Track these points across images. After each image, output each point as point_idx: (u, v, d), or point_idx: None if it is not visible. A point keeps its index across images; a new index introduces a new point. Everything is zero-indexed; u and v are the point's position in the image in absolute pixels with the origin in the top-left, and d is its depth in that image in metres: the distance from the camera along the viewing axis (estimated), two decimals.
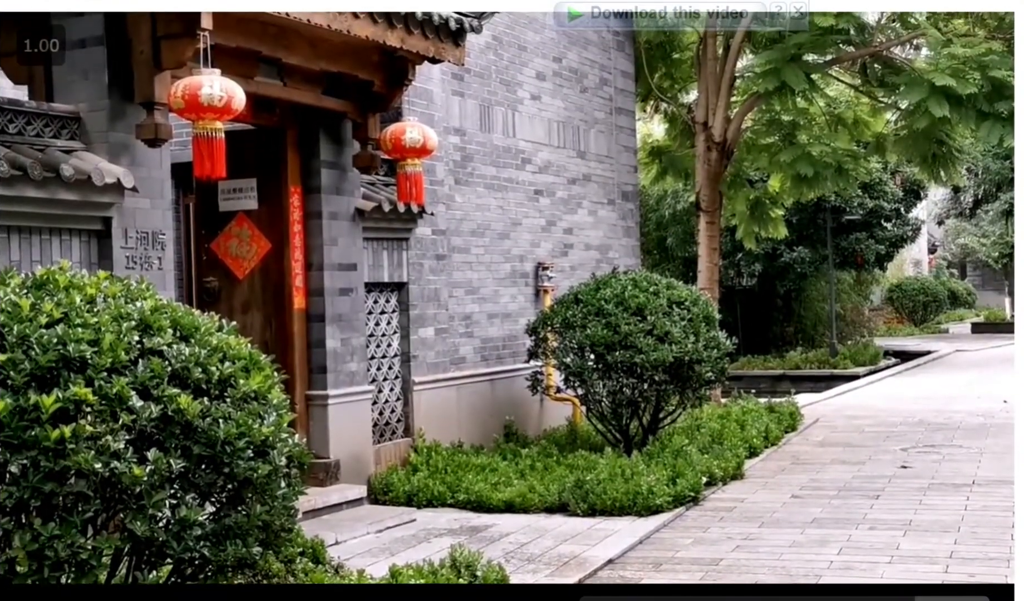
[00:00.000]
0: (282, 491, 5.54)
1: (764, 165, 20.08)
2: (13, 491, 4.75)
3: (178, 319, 5.54)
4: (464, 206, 13.21)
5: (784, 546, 8.89)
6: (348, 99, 10.69)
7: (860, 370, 27.09)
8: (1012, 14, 16.53)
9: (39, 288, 5.41)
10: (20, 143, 7.87)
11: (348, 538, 9.29)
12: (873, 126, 19.63)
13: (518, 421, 13.70)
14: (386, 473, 11.19)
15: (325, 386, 10.80)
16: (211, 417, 5.18)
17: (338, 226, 11.02)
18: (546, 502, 10.43)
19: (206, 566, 5.28)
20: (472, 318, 13.34)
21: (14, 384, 4.83)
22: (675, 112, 20.35)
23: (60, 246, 8.08)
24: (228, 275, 11.10)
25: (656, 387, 12.22)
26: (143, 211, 8.55)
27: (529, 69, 14.62)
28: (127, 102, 8.49)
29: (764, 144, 19.47)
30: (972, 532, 9.16)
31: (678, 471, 10.97)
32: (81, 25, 8.50)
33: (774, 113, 18.59)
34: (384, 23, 9.75)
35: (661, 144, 21.45)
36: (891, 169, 28.51)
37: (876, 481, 11.62)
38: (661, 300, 12.29)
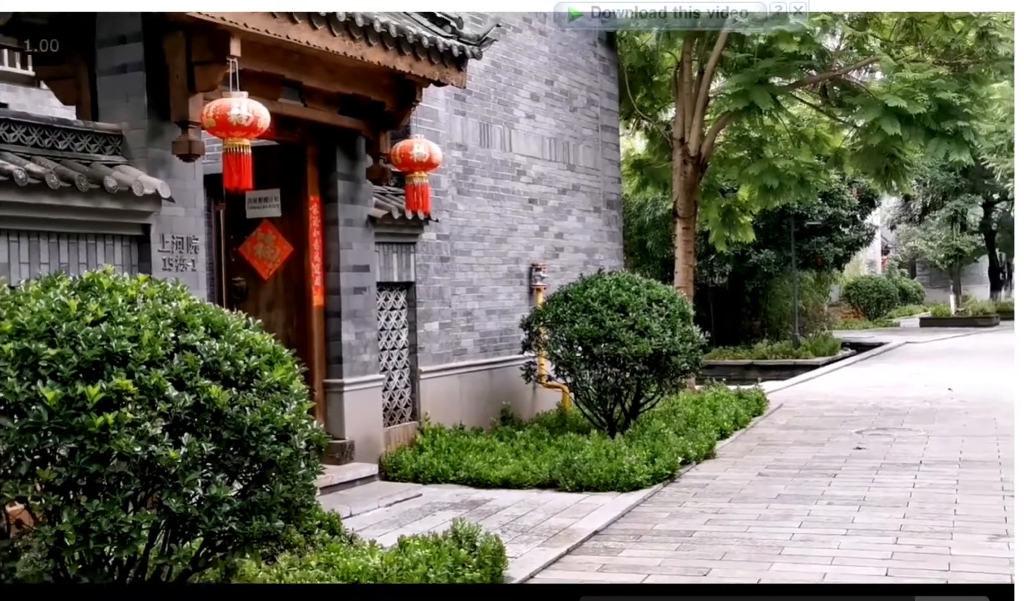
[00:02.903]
0: (302, 471, 5.54)
1: (734, 177, 20.10)
2: (62, 471, 4.76)
3: (209, 317, 5.54)
4: (466, 213, 13.22)
5: (751, 519, 8.90)
6: (362, 118, 10.69)
7: (820, 360, 27.09)
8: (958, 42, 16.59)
9: (85, 289, 5.41)
10: (69, 158, 7.87)
11: (361, 511, 9.31)
12: (832, 142, 19.69)
13: (513, 406, 13.71)
14: (395, 453, 11.21)
15: (341, 375, 10.82)
16: (239, 405, 5.18)
17: (353, 232, 11.03)
18: (538, 479, 10.44)
19: (234, 538, 5.29)
20: (473, 314, 13.35)
21: (63, 376, 4.83)
22: (655, 129, 20.40)
23: (104, 250, 8.08)
24: (254, 276, 11.11)
25: (637, 376, 12.25)
26: (178, 219, 8.56)
27: (524, 91, 14.62)
28: (164, 121, 8.49)
29: (734, 158, 19.50)
30: (920, 507, 9.17)
31: (656, 451, 10.99)
32: (123, 52, 8.50)
33: (743, 130, 18.61)
34: (394, 50, 9.77)
35: (642, 158, 21.50)
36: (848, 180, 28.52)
37: (834, 461, 11.64)
38: (642, 298, 12.31)
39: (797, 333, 30.23)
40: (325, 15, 8.83)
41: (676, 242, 18.59)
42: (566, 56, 15.84)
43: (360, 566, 6.45)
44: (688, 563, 7.56)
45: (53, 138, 7.87)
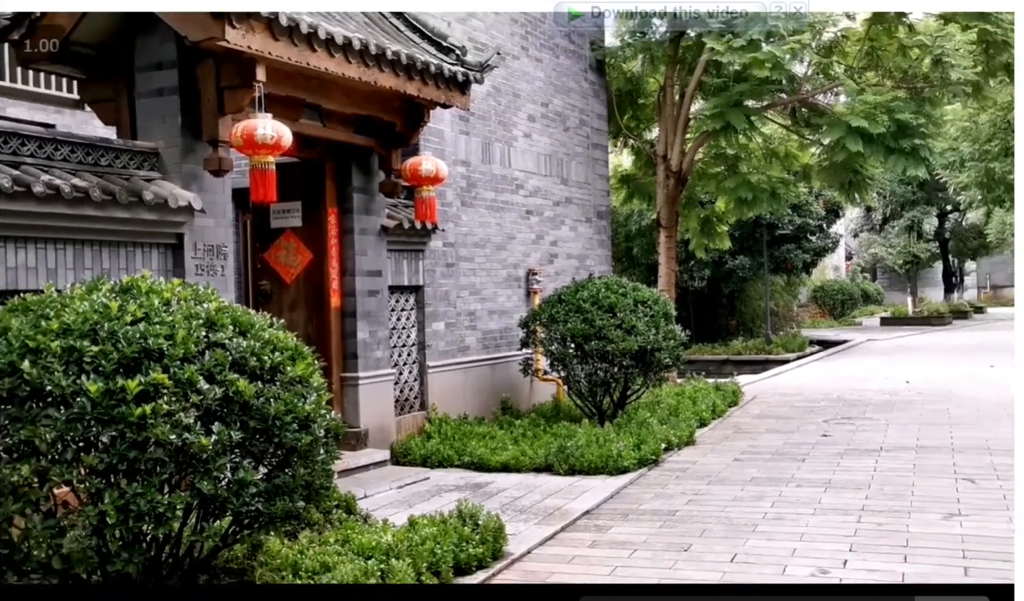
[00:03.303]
0: (321, 457, 5.55)
1: (712, 190, 20.11)
2: (104, 457, 4.77)
3: (237, 317, 5.55)
4: (469, 223, 13.23)
5: (728, 500, 8.90)
6: (375, 137, 10.70)
7: (790, 356, 27.13)
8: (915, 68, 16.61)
9: (125, 292, 5.42)
10: (110, 173, 7.88)
11: (375, 493, 9.31)
12: (801, 158, 19.70)
13: (512, 398, 13.71)
14: (405, 440, 11.21)
15: (356, 370, 10.82)
16: (264, 397, 5.19)
17: (367, 240, 11.03)
18: (535, 463, 10.44)
19: (260, 517, 5.30)
20: (475, 314, 13.36)
21: (105, 371, 4.84)
22: (640, 147, 20.40)
23: (142, 257, 8.09)
24: (278, 280, 11.11)
25: (624, 370, 12.26)
26: (209, 228, 8.57)
27: (522, 112, 14.63)
28: (196, 140, 8.50)
29: (712, 173, 19.50)
30: (880, 489, 9.18)
31: (642, 438, 10.99)
32: (160, 78, 8.52)
33: (720, 148, 18.62)
34: (404, 76, 9.79)
35: (629, 173, 21.50)
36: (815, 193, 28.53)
37: (802, 447, 11.63)
38: (628, 300, 12.31)
39: (769, 331, 30.28)
40: (342, 44, 8.84)
41: (659, 249, 18.59)
42: (560, 81, 15.86)
43: (374, 542, 6.45)
44: (671, 539, 7.56)
45: (96, 155, 7.88)
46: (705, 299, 31.21)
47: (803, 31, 14.95)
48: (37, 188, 7.04)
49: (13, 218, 7.07)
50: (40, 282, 7.20)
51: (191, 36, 7.91)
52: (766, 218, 27.32)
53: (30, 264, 7.28)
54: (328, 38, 8.66)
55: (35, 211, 7.14)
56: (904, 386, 17.96)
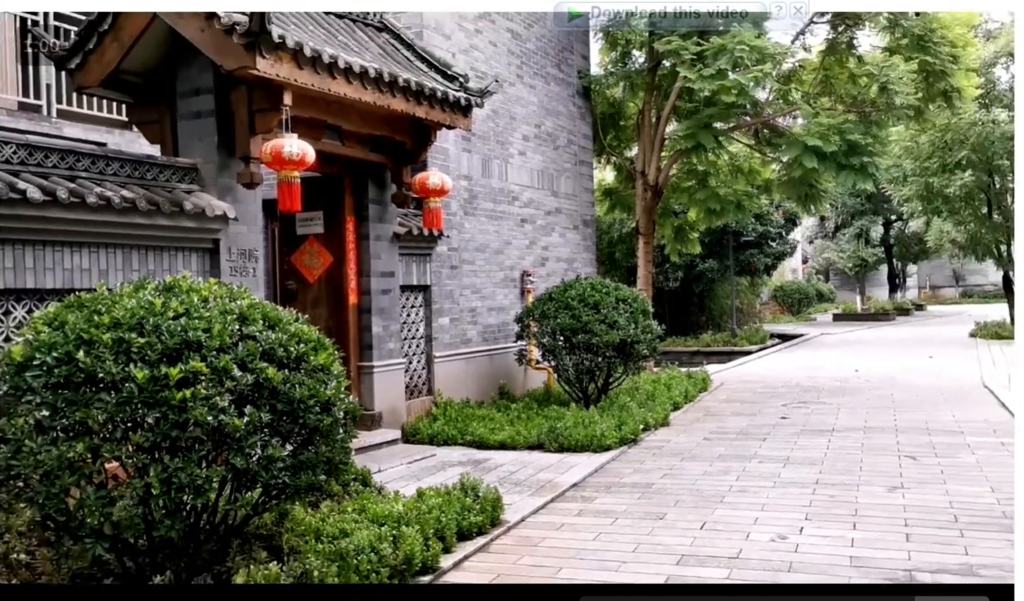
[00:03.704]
0: (340, 436, 5.55)
1: (685, 201, 20.10)
2: (149, 436, 4.77)
3: (267, 313, 5.55)
4: (471, 230, 13.23)
5: (698, 474, 8.92)
6: (388, 155, 10.70)
7: (753, 348, 27.11)
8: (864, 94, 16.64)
9: (168, 291, 5.42)
10: (155, 186, 7.88)
11: (387, 468, 9.32)
12: (763, 174, 19.72)
13: (509, 384, 13.72)
14: (414, 421, 11.22)
15: (371, 359, 10.82)
16: (290, 383, 5.19)
17: (381, 245, 11.03)
18: (528, 442, 10.45)
19: (286, 489, 5.31)
20: (476, 311, 13.36)
21: (150, 360, 4.84)
22: (621, 163, 20.41)
23: (183, 260, 8.09)
24: (302, 280, 11.12)
25: (607, 360, 12.27)
26: (242, 234, 8.57)
27: (517, 133, 14.63)
28: (230, 157, 8.50)
29: (685, 186, 19.51)
30: (832, 465, 9.21)
31: (622, 420, 11.01)
32: (198, 102, 8.52)
33: (692, 164, 18.63)
34: (414, 101, 9.79)
35: (611, 186, 21.52)
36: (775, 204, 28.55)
37: (763, 428, 11.66)
38: (611, 298, 12.33)
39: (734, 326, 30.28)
40: (359, 72, 8.84)
41: (638, 253, 18.63)
42: (551, 105, 15.86)
43: (387, 511, 6.46)
44: (648, 509, 7.58)
45: (142, 170, 7.89)
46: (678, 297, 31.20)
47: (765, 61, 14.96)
48: (91, 199, 7.04)
49: (70, 225, 7.07)
50: (93, 282, 7.21)
51: (226, 65, 7.91)
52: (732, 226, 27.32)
53: (84, 266, 7.28)
54: (347, 67, 8.66)
55: (89, 219, 7.14)
56: (853, 374, 17.99)
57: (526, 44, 14.97)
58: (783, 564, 5.97)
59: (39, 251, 6.99)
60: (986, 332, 26.78)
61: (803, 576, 5.74)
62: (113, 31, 8.44)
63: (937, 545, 6.33)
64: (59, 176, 7.19)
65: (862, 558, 6.07)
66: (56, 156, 7.28)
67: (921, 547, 6.29)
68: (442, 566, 6.08)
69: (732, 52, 14.73)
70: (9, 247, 6.81)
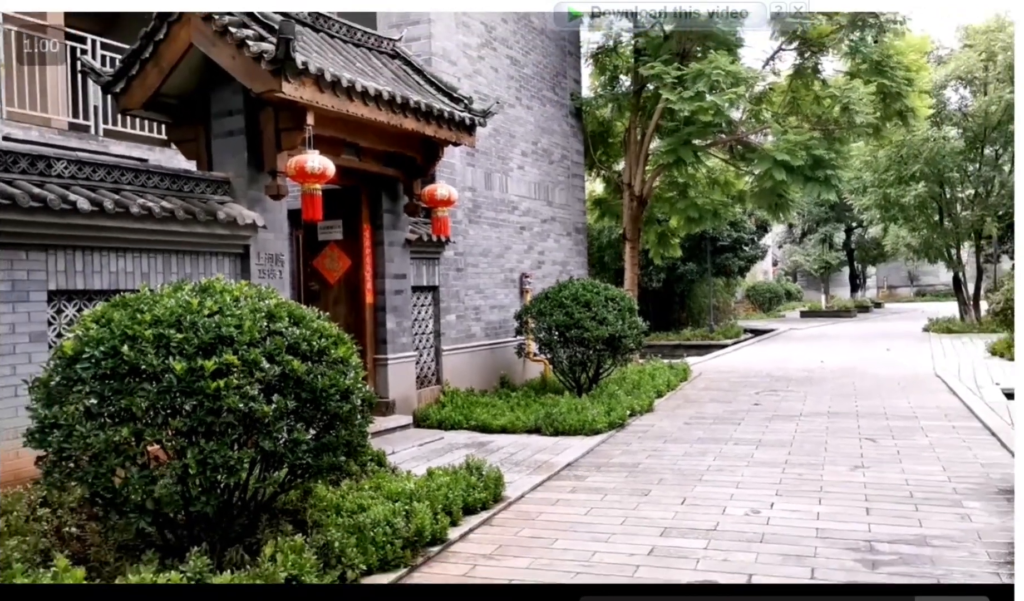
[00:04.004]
0: (358, 421, 5.54)
1: (667, 210, 20.13)
2: (186, 421, 4.77)
3: (292, 311, 5.55)
4: (475, 237, 13.23)
5: (679, 455, 8.93)
6: (400, 169, 10.71)
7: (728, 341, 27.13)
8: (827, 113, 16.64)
9: (203, 291, 5.42)
10: (191, 197, 7.89)
11: (400, 450, 9.33)
12: (737, 185, 19.73)
13: (509, 375, 13.73)
14: (425, 408, 11.22)
15: (386, 352, 10.83)
16: (313, 374, 5.18)
17: (394, 250, 11.04)
18: (527, 426, 10.46)
19: (310, 469, 5.30)
20: (480, 309, 13.37)
21: (187, 353, 4.84)
22: (610, 176, 20.41)
23: (216, 264, 8.10)
24: (324, 282, 11.13)
25: (597, 353, 12.27)
26: (269, 241, 8.58)
27: (516, 149, 14.63)
28: (259, 171, 8.51)
29: (667, 197, 19.53)
30: (800, 446, 9.21)
31: (611, 407, 11.02)
32: (230, 122, 8.54)
33: (673, 177, 18.65)
34: (424, 120, 9.80)
35: (601, 197, 21.52)
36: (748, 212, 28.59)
37: (738, 413, 11.66)
38: (600, 297, 12.33)
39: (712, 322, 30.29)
40: (374, 95, 8.85)
41: (625, 257, 18.63)
42: (546, 124, 15.86)
43: (400, 489, 6.47)
44: (634, 486, 7.58)
45: (180, 183, 7.90)
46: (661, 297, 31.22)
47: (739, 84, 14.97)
48: (134, 209, 7.05)
49: (115, 233, 7.09)
50: (136, 283, 7.22)
51: (255, 89, 7.92)
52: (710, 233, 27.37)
53: (128, 269, 7.29)
54: (363, 90, 8.67)
55: (132, 227, 7.16)
56: (819, 365, 18.00)
57: (524, 69, 14.97)
58: (756, 536, 5.97)
59: (88, 256, 7.00)
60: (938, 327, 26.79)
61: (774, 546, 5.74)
62: (154, 58, 8.46)
63: (894, 518, 6.34)
64: (106, 189, 7.20)
65: (827, 530, 6.07)
66: (103, 171, 7.29)
67: (880, 520, 6.29)
68: (450, 537, 6.08)
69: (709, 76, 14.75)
70: (61, 252, 6.82)
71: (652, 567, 5.41)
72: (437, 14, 12.40)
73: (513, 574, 5.37)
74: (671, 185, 19.24)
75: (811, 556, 5.51)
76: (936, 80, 24.52)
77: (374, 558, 5.38)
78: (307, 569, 4.89)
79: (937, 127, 25.23)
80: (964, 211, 26.75)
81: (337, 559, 5.21)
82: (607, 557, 5.62)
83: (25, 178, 6.70)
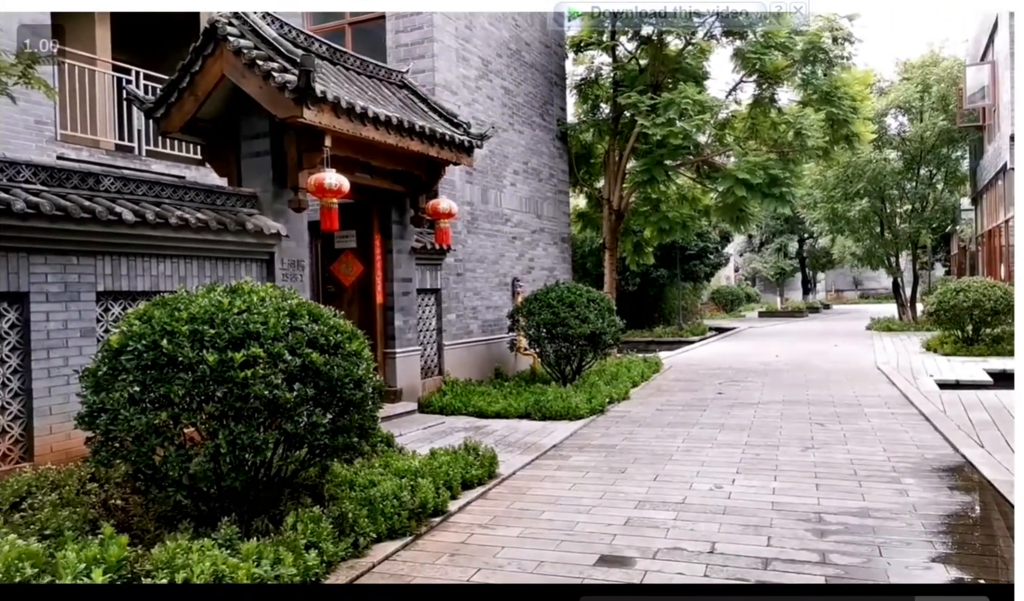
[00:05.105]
0: (370, 407, 5.54)
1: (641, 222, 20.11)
2: (218, 406, 4.77)
3: (312, 310, 5.55)
4: (472, 246, 13.23)
5: (652, 438, 8.93)
6: (407, 185, 10.71)
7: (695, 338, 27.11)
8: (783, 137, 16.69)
9: (233, 292, 5.42)
10: (223, 210, 7.88)
11: (407, 432, 9.31)
12: (703, 201, 19.74)
13: (502, 367, 13.72)
14: (428, 395, 11.21)
15: (394, 347, 10.83)
16: (330, 365, 5.18)
17: (401, 257, 11.04)
18: (518, 412, 10.44)
19: (327, 449, 5.31)
20: (477, 309, 13.37)
21: (219, 346, 4.84)
22: (591, 193, 20.43)
23: (245, 268, 8.09)
24: (340, 285, 11.11)
25: (580, 348, 12.27)
26: (292, 248, 8.57)
27: (509, 168, 14.64)
28: (283, 187, 8.51)
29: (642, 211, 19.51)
30: (758, 430, 9.22)
31: (592, 395, 11.02)
32: (258, 144, 8.53)
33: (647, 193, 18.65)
34: (428, 143, 9.79)
35: (583, 211, 21.53)
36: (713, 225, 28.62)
37: (704, 401, 11.66)
38: (583, 298, 12.33)
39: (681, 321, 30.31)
40: (384, 120, 8.85)
41: (605, 264, 18.67)
42: (536, 146, 15.87)
43: (406, 466, 6.46)
44: (612, 465, 7.59)
45: (213, 198, 7.89)
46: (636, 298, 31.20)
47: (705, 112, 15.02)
48: (172, 220, 7.04)
49: (155, 241, 7.08)
50: (174, 285, 7.21)
51: (279, 115, 7.92)
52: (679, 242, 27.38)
53: (167, 273, 7.28)
54: (375, 116, 8.67)
55: (170, 236, 7.15)
56: (774, 359, 18.01)
57: (516, 98, 14.97)
58: (719, 508, 5.99)
59: (131, 261, 6.99)
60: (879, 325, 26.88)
61: (735, 518, 5.76)
62: (190, 88, 8.45)
63: (840, 492, 6.36)
64: (147, 202, 7.19)
65: (781, 503, 6.10)
66: (145, 186, 7.28)
67: (828, 495, 6.31)
68: (450, 509, 6.09)
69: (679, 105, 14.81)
70: (109, 258, 6.81)
71: (628, 535, 5.42)
72: (440, 48, 12.41)
73: (505, 541, 5.38)
74: (645, 200, 19.27)
75: (767, 526, 5.53)
76: (878, 108, 24.66)
77: (383, 527, 5.39)
78: (324, 537, 4.89)
79: (879, 150, 25.36)
80: (902, 224, 26.87)
81: (351, 528, 5.21)
82: (588, 527, 5.63)
83: (77, 192, 6.69)
